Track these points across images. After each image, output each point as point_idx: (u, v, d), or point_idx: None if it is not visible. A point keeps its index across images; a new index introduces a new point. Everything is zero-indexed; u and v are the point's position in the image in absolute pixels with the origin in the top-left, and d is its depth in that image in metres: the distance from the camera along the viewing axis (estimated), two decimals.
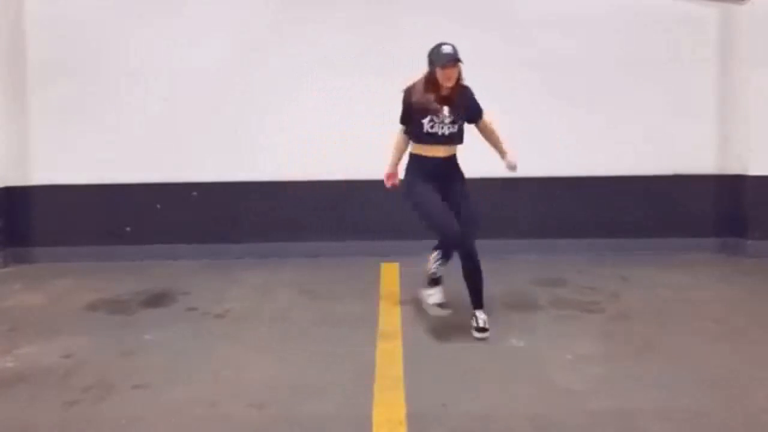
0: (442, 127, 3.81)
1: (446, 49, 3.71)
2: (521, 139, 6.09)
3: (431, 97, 3.77)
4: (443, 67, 3.68)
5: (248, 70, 6.09)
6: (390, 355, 3.57)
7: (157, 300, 4.78)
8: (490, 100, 6.03)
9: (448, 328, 4.01)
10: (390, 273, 5.41)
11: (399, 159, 4.09)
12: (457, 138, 3.91)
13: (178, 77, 6.07)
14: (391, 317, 4.19)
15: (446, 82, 3.73)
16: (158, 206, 6.14)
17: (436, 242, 4.05)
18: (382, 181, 4.16)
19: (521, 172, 6.12)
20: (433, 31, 6.02)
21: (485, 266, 3.89)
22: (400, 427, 2.75)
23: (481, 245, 6.08)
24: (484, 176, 6.04)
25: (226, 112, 6.12)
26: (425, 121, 3.79)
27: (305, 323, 4.17)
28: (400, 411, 2.89)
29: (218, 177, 6.10)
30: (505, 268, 5.44)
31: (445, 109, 3.80)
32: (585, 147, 6.07)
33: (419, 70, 5.91)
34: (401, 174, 4.06)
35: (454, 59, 3.67)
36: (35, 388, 3.23)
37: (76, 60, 6.05)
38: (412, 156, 3.96)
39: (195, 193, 6.13)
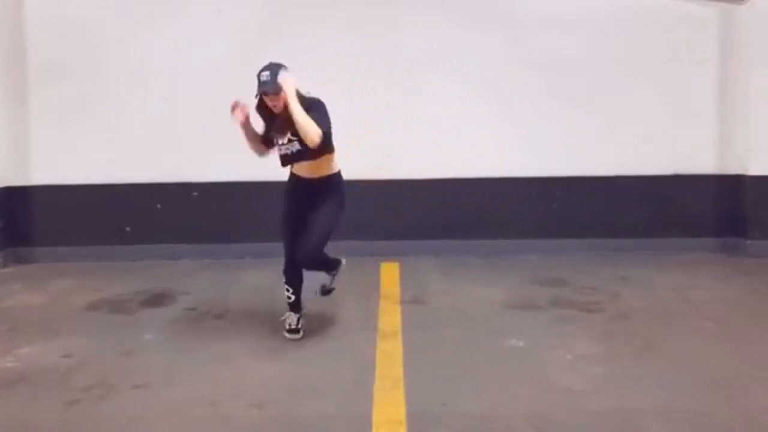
0: (290, 147, 3.59)
1: (263, 76, 3.47)
2: (521, 139, 6.14)
3: (269, 119, 3.62)
4: (263, 94, 3.51)
5: (248, 70, 6.03)
6: (390, 355, 3.57)
7: (157, 300, 4.77)
8: (491, 100, 6.11)
9: (448, 328, 4.01)
10: (390, 273, 5.41)
11: (251, 131, 3.78)
12: (314, 152, 3.57)
13: (178, 77, 6.07)
14: (391, 317, 4.19)
15: (273, 109, 3.56)
16: (158, 206, 6.14)
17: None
18: (382, 181, 4.14)
19: (521, 172, 6.18)
20: (433, 31, 6.08)
21: (485, 266, 3.89)
22: (400, 427, 2.75)
23: (482, 245, 6.17)
24: (485, 176, 6.08)
25: (226, 112, 6.08)
26: (276, 142, 3.65)
27: (305, 323, 4.17)
28: (400, 411, 2.89)
29: (218, 177, 6.09)
30: (505, 268, 5.44)
31: (285, 130, 3.59)
32: (585, 147, 6.07)
33: (419, 69, 6.03)
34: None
35: (268, 91, 3.47)
36: (35, 388, 3.23)
37: (76, 60, 6.04)
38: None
39: (195, 193, 6.13)
